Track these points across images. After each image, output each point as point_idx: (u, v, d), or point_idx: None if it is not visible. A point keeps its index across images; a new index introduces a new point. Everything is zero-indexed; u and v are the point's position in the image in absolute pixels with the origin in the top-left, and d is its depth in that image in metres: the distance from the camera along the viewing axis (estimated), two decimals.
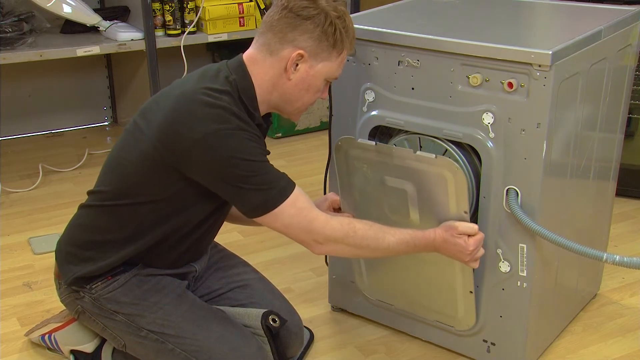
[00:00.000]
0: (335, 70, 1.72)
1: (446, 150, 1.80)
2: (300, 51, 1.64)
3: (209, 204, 1.71)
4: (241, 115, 1.60)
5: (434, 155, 1.72)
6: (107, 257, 1.73)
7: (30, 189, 3.08)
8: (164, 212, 1.69)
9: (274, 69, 1.66)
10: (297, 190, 1.64)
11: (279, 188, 1.61)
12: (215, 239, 1.92)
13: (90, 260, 1.74)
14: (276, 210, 1.61)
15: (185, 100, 1.60)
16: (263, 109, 1.71)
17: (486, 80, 1.70)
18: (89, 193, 1.78)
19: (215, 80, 1.63)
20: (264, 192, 1.60)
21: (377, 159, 1.81)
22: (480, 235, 1.76)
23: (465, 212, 1.75)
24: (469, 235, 1.73)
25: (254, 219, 1.65)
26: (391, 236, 1.71)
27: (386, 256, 1.83)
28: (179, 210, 1.69)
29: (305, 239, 1.68)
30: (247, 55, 1.69)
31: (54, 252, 1.85)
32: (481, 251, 1.78)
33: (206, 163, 1.58)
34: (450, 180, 1.72)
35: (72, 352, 1.95)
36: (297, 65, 1.66)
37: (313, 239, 1.67)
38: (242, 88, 1.64)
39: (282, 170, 1.65)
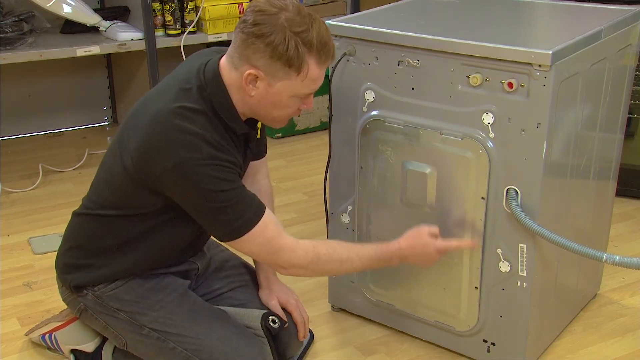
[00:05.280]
0: (302, 88, 1.60)
1: None
2: (252, 70, 1.57)
3: None
4: (214, 141, 1.58)
5: (460, 137, 1.73)
6: (103, 266, 1.74)
7: (30, 189, 3.07)
8: (154, 222, 1.70)
9: (238, 83, 1.61)
10: (266, 217, 1.63)
11: (245, 218, 1.61)
12: None
13: (84, 267, 1.76)
14: (244, 237, 1.62)
15: (160, 123, 1.57)
16: (247, 116, 1.69)
17: (486, 80, 1.70)
18: (83, 200, 1.79)
19: (189, 96, 1.60)
20: (232, 222, 1.61)
21: (403, 140, 1.84)
22: (454, 243, 1.81)
23: (483, 199, 1.76)
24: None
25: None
26: (355, 255, 1.74)
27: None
28: (169, 218, 1.69)
29: (271, 264, 1.77)
30: (222, 62, 1.64)
31: (54, 253, 1.86)
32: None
33: (178, 190, 1.59)
34: (474, 163, 1.74)
35: (73, 351, 1.95)
36: (256, 82, 1.59)
37: (279, 265, 1.70)
38: (217, 103, 1.61)
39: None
